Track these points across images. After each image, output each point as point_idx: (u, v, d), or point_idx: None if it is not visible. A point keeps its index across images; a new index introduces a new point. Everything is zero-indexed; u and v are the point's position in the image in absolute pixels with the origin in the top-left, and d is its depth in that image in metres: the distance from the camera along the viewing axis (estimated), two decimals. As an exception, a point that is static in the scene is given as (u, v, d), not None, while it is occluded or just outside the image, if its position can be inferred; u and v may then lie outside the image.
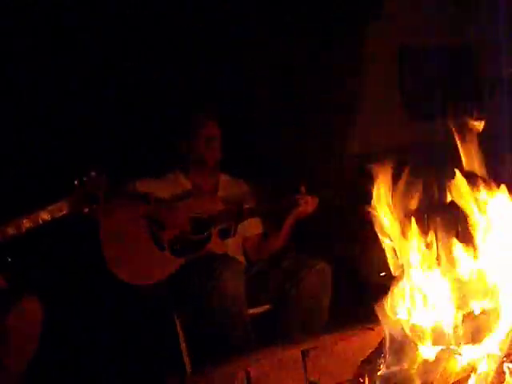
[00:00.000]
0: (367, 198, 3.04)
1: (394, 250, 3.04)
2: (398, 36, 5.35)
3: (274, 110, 5.18)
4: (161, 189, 4.14)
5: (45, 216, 3.26)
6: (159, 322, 4.10)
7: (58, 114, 4.60)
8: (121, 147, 4.68)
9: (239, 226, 4.21)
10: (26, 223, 3.22)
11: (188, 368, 3.93)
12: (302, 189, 4.20)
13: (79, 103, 4.66)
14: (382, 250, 3.02)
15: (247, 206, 4.30)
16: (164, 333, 4.07)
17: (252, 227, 4.35)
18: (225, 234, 4.15)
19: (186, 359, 3.95)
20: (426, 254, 2.99)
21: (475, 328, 2.84)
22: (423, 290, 2.96)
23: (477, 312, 2.88)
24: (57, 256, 4.36)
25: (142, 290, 3.93)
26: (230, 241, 4.20)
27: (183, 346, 3.95)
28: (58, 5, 4.56)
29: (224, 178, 4.39)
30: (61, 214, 3.30)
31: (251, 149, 5.02)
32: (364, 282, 4.20)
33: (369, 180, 3.04)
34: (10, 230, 3.20)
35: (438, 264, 2.96)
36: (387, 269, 3.04)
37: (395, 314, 2.97)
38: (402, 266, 2.99)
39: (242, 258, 4.28)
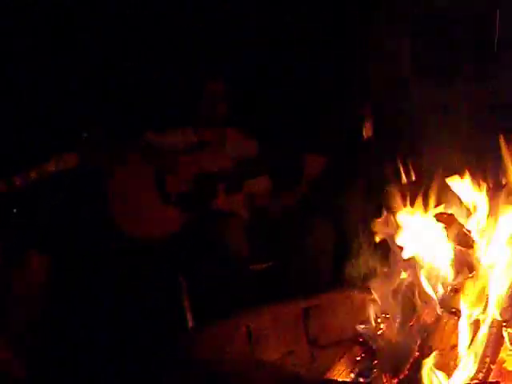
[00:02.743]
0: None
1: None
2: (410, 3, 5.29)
3: (286, 72, 5.16)
4: (169, 141, 4.16)
5: (52, 168, 3.27)
6: (162, 279, 4.13)
7: (68, 68, 4.59)
8: (130, 102, 4.68)
9: (246, 182, 4.23)
10: (33, 174, 3.23)
11: (190, 323, 3.97)
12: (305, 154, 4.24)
13: (89, 58, 4.66)
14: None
15: (255, 163, 4.31)
16: (167, 289, 4.10)
17: (259, 184, 4.36)
18: (231, 190, 4.17)
19: (189, 315, 3.99)
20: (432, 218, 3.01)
21: (475, 291, 2.87)
22: (427, 253, 2.99)
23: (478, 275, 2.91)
24: (63, 209, 4.38)
25: (147, 243, 3.96)
26: (236, 196, 4.22)
27: (186, 301, 3.99)
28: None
29: (232, 133, 4.39)
30: (68, 166, 3.32)
31: (261, 107, 5.02)
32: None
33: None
34: (17, 181, 3.21)
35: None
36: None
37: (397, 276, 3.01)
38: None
39: (247, 214, 4.30)
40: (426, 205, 3.05)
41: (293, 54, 5.12)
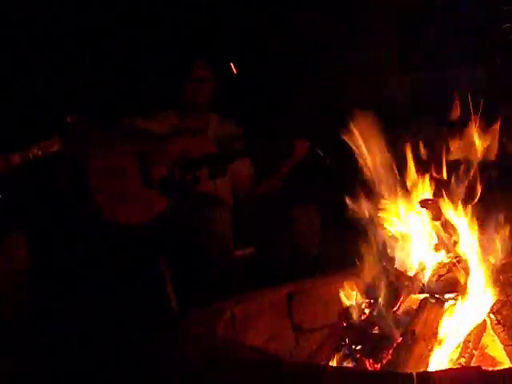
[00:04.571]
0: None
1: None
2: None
3: (270, 56, 5.19)
4: (151, 127, 4.16)
5: (36, 152, 3.26)
6: (146, 263, 4.13)
7: (54, 53, 4.61)
8: (114, 98, 4.70)
9: (229, 166, 4.24)
10: (17, 159, 3.22)
11: (174, 309, 3.97)
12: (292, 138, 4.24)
13: (75, 43, 4.67)
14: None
15: (237, 147, 4.32)
16: (152, 285, 4.10)
17: (242, 168, 4.38)
18: (214, 175, 4.18)
19: (173, 301, 3.99)
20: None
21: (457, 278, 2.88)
22: (408, 237, 3.00)
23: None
24: (46, 194, 4.38)
25: (130, 229, 3.95)
26: (219, 181, 4.23)
27: (170, 287, 3.99)
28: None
29: (215, 118, 4.41)
30: (52, 150, 3.31)
31: (244, 93, 5.05)
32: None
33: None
34: (0, 166, 3.20)
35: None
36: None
37: (380, 261, 3.01)
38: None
39: (230, 199, 4.31)
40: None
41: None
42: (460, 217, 3.03)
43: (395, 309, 2.93)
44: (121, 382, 3.52)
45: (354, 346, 2.88)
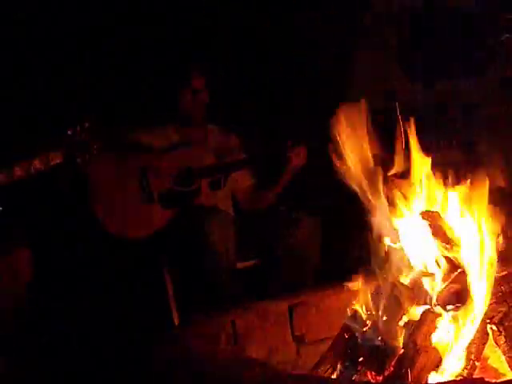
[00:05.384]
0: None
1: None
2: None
3: (265, 60, 5.19)
4: (151, 140, 4.15)
5: (37, 165, 3.25)
6: (148, 275, 4.13)
7: (53, 63, 4.60)
8: (114, 98, 4.69)
9: (229, 177, 4.23)
10: (18, 171, 3.22)
11: (176, 321, 3.97)
12: (289, 143, 4.21)
13: (75, 54, 4.67)
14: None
15: (237, 158, 4.31)
16: (153, 285, 4.11)
17: (242, 179, 4.37)
18: (215, 186, 4.17)
19: (174, 312, 3.99)
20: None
21: (458, 289, 2.88)
22: (409, 250, 3.00)
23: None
24: (46, 194, 4.38)
25: (131, 243, 3.95)
26: (219, 192, 4.22)
27: (172, 298, 3.99)
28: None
29: (213, 129, 4.40)
30: (53, 162, 3.30)
31: (244, 93, 5.05)
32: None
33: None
34: (1, 178, 3.19)
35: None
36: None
37: (382, 273, 3.01)
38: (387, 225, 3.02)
39: (231, 210, 4.30)
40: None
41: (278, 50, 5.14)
42: (462, 227, 3.03)
43: (397, 320, 2.92)
44: (121, 382, 3.52)
45: (356, 358, 2.89)
